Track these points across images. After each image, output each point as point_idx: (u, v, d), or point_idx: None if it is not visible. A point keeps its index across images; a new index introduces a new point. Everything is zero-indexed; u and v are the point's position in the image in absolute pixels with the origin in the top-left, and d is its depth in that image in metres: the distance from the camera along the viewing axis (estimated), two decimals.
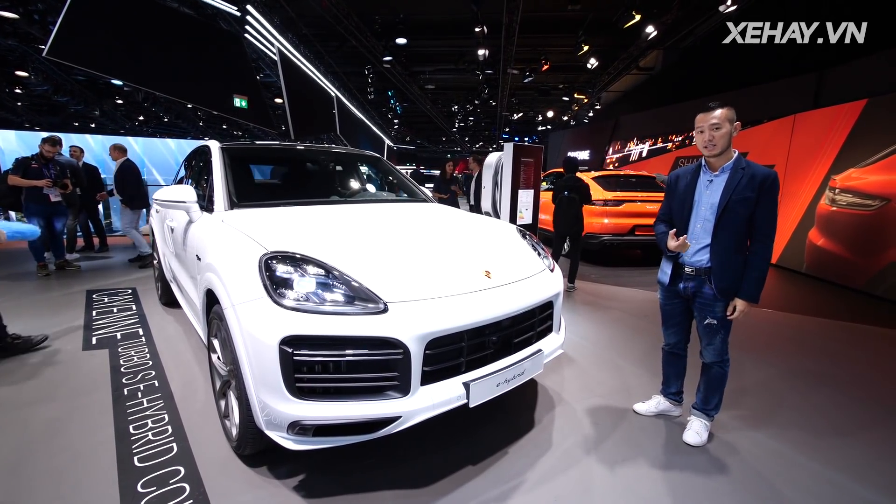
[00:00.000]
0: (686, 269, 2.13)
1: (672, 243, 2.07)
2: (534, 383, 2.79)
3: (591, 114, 18.45)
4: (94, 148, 9.77)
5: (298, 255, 1.75)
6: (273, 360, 1.54)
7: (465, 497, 1.80)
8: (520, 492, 1.85)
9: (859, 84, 6.14)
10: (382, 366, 1.59)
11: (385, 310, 1.62)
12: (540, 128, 24.86)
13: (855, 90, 6.03)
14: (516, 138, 30.69)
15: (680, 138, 10.30)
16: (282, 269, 1.69)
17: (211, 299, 2.14)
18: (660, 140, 11.33)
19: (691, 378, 2.46)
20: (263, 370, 1.59)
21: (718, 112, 1.98)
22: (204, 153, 3.13)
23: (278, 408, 1.57)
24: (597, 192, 6.50)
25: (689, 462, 2.07)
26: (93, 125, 20.56)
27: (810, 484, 1.95)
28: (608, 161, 14.04)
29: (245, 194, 2.63)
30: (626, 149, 13.13)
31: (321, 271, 1.71)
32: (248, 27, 8.58)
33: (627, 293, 5.16)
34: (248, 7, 7.43)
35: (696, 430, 2.22)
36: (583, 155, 15.23)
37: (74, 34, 4.78)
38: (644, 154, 12.07)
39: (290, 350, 1.53)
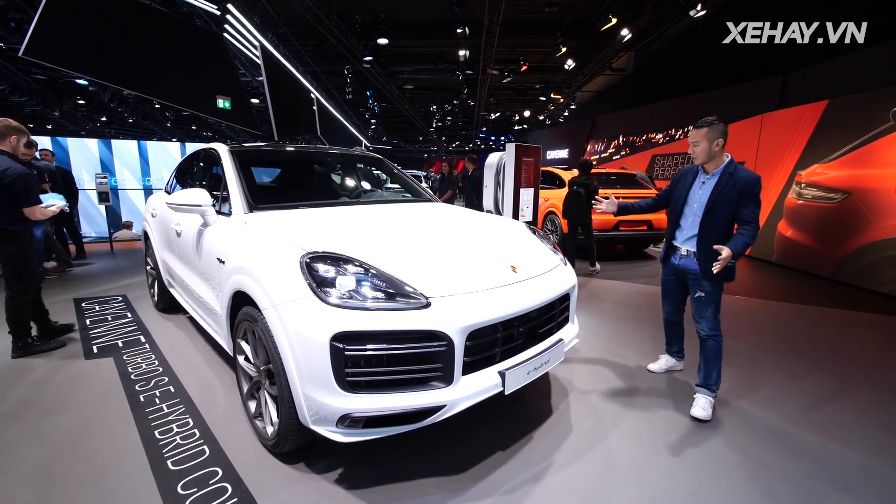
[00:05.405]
0: (680, 249, 2.55)
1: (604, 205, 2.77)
2: (545, 374, 2.92)
3: (566, 113, 18.89)
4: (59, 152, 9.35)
5: (338, 255, 1.81)
6: (323, 356, 1.60)
7: (502, 479, 1.91)
8: (550, 472, 1.97)
9: (821, 86, 6.60)
10: (427, 358, 1.67)
11: (428, 304, 1.70)
12: (516, 127, 25.22)
13: (817, 92, 6.48)
14: (493, 137, 31.01)
15: (660, 136, 10.70)
16: (323, 269, 1.75)
17: (237, 301, 2.17)
18: (641, 138, 11.75)
19: (690, 363, 2.66)
20: (312, 367, 1.64)
21: (696, 130, 2.39)
22: (210, 157, 3.11)
23: (328, 402, 1.62)
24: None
25: (700, 435, 2.25)
26: (49, 126, 19.50)
27: (808, 450, 2.16)
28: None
29: (260, 197, 2.64)
30: (608, 149, 13.56)
31: (361, 270, 1.77)
32: (226, 26, 8.40)
33: (618, 286, 5.39)
34: (229, 6, 7.27)
35: (701, 406, 2.44)
36: (562, 153, 15.60)
37: (53, 33, 4.58)
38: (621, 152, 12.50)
39: (340, 346, 1.58)
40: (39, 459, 2.02)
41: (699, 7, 7.96)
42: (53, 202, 3.19)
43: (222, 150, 2.89)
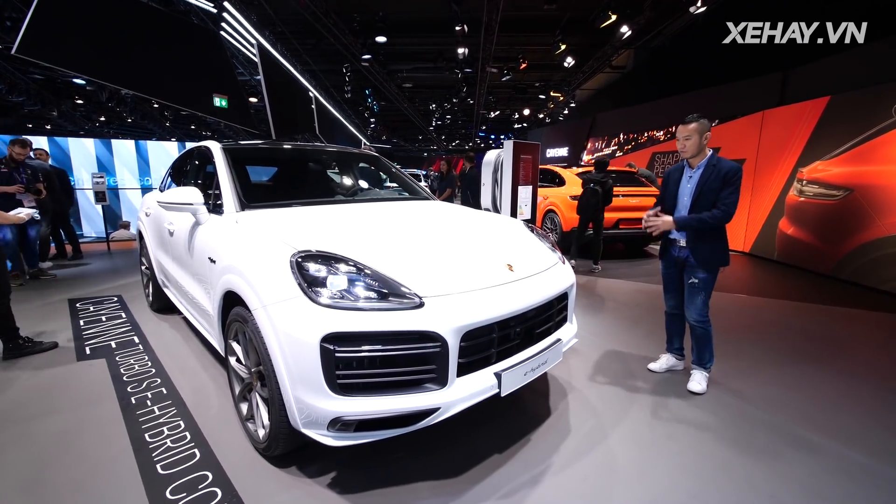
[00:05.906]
0: (678, 241, 2.66)
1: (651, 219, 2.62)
2: (544, 374, 2.88)
3: (566, 111, 18.82)
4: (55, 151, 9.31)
5: (330, 254, 1.77)
6: (314, 358, 1.55)
7: (499, 483, 1.87)
8: (549, 475, 1.92)
9: (822, 82, 6.53)
10: (421, 359, 1.63)
11: (421, 304, 1.65)
12: (516, 126, 25.15)
13: (818, 88, 6.42)
14: (492, 136, 30.95)
15: (660, 133, 10.63)
16: (314, 268, 1.70)
17: (228, 302, 2.12)
18: (642, 136, 11.69)
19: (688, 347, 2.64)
20: (302, 368, 1.59)
21: (685, 126, 2.51)
22: (203, 155, 3.07)
23: (319, 405, 1.58)
24: (580, 187, 6.68)
25: (701, 435, 2.20)
26: (48, 126, 19.46)
27: (810, 450, 2.11)
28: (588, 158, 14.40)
29: (253, 195, 2.60)
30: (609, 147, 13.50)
31: (353, 269, 1.73)
32: (223, 24, 8.36)
33: (618, 285, 5.34)
34: (225, 3, 7.22)
35: (697, 381, 2.67)
36: (562, 151, 15.53)
37: (46, 31, 4.54)
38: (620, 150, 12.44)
39: (331, 347, 1.54)
40: (29, 462, 1.98)
41: (699, 3, 7.90)
42: (23, 209, 3.16)
43: (214, 147, 2.84)
